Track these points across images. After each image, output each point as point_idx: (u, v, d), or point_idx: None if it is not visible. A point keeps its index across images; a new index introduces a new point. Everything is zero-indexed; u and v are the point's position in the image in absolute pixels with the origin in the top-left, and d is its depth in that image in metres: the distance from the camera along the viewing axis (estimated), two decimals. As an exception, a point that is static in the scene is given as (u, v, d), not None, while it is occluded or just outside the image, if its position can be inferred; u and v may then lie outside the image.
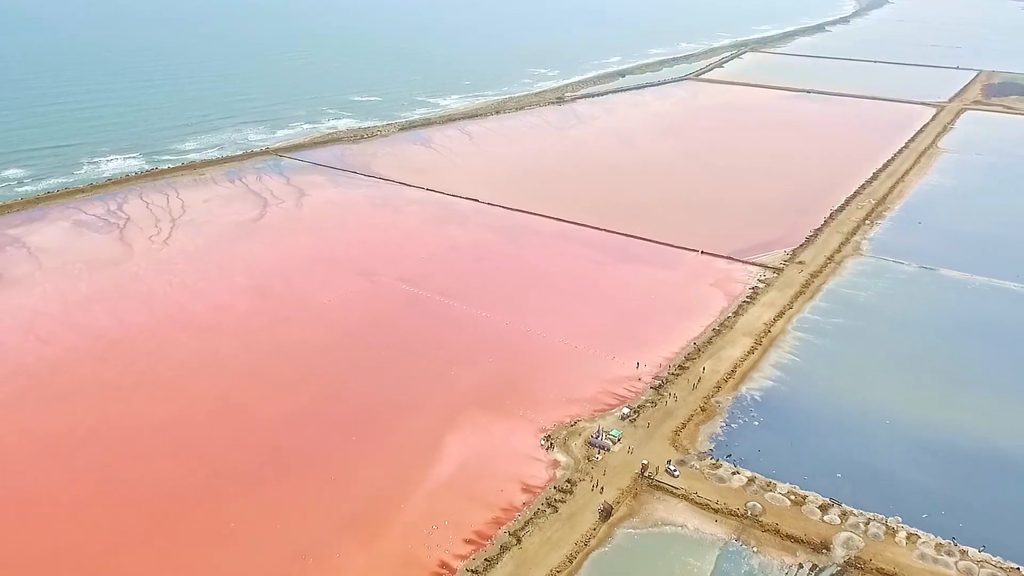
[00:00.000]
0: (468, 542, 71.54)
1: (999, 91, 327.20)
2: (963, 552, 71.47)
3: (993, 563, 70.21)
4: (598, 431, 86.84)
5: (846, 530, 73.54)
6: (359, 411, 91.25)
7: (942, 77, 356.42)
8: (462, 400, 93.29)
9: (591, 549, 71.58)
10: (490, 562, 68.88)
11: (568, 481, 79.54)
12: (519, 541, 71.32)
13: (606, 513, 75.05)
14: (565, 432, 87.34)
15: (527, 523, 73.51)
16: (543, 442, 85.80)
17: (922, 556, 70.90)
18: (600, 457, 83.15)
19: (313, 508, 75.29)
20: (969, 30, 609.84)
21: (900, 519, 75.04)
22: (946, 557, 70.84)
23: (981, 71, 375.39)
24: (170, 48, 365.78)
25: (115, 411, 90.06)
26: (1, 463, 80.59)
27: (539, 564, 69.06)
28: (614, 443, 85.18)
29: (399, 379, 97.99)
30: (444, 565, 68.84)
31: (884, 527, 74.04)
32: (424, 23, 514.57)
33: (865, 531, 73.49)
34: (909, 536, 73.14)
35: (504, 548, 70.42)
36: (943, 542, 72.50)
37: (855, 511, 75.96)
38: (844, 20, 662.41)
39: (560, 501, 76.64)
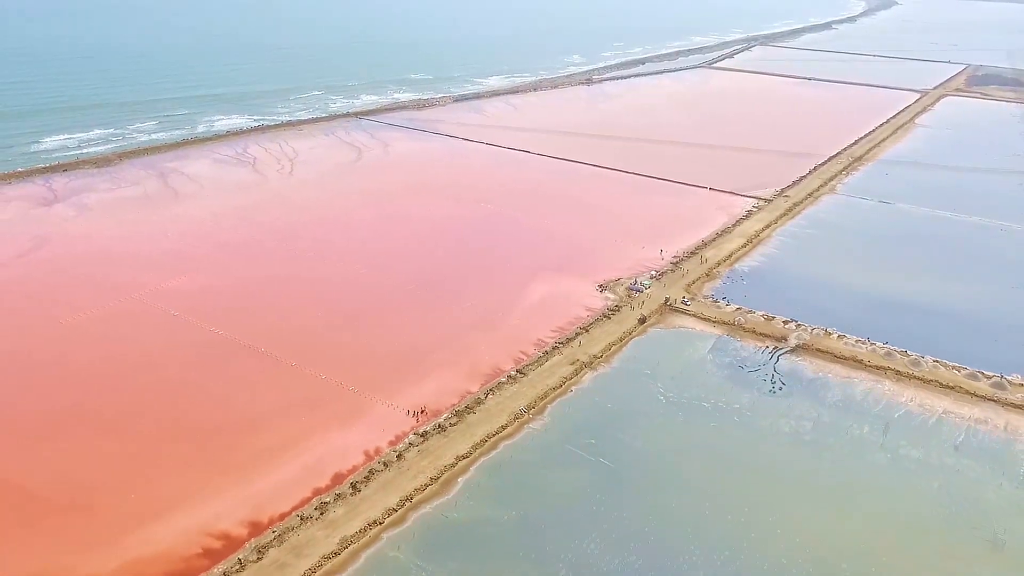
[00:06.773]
0: (552, 331, 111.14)
1: (981, 81, 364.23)
2: (872, 344, 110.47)
3: (890, 348, 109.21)
4: (635, 281, 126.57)
5: (798, 332, 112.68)
6: (466, 270, 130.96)
7: (932, 69, 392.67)
8: (539, 266, 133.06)
9: (633, 336, 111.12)
10: (568, 339, 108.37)
11: (616, 306, 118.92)
12: (587, 331, 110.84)
13: (641, 320, 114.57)
14: (612, 283, 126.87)
15: (591, 324, 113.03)
16: (597, 288, 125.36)
17: (845, 344, 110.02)
18: (636, 295, 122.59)
19: (448, 317, 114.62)
20: (970, 30, 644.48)
21: (836, 329, 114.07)
22: (861, 345, 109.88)
23: (969, 65, 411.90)
24: (248, 34, 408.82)
25: (298, 268, 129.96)
26: (237, 290, 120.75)
27: (600, 341, 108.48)
28: (645, 289, 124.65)
29: (492, 253, 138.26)
30: (539, 340, 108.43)
31: (823, 332, 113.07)
32: (455, 16, 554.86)
33: (811, 333, 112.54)
34: (839, 336, 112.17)
35: (577, 334, 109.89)
36: (860, 339, 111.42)
37: (806, 324, 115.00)
38: (851, 19, 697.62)
39: (611, 315, 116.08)
